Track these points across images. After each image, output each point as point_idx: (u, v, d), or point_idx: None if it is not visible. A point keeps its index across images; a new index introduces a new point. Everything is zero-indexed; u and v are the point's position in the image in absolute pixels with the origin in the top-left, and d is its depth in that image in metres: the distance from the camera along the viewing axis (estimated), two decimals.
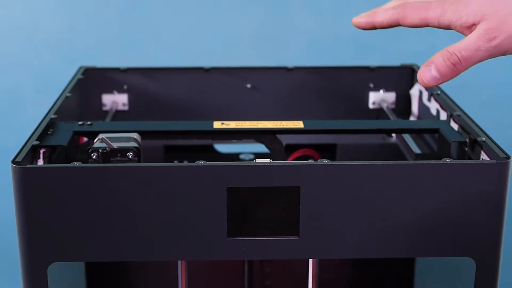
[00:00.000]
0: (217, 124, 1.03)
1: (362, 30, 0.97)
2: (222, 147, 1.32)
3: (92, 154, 0.92)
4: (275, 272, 1.26)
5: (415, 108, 1.25)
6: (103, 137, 0.93)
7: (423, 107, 1.21)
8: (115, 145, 0.92)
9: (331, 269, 1.30)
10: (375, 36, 2.15)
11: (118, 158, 0.92)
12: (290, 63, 1.31)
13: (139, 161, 0.93)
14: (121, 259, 0.88)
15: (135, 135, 0.96)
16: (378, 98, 1.28)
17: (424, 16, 0.90)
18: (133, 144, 0.93)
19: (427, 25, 0.90)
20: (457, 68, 0.86)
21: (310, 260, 1.07)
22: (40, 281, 0.87)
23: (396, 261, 1.29)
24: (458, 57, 0.85)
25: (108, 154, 0.92)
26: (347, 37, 2.09)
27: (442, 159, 0.87)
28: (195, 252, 0.88)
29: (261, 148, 1.21)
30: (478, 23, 0.86)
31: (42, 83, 2.21)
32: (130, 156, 0.92)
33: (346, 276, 1.33)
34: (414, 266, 1.27)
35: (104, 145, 0.92)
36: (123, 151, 0.92)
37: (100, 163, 0.91)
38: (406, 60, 1.34)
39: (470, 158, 0.96)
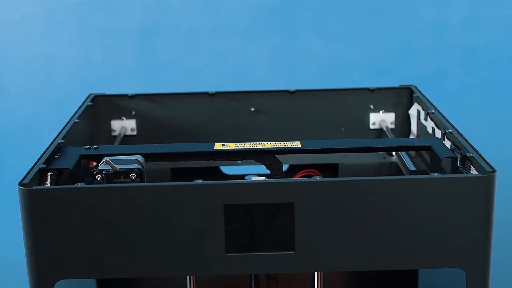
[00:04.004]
0: (217, 146, 1.07)
1: (373, 55, 0.98)
2: (228, 170, 1.36)
3: (96, 176, 0.96)
4: (281, 285, 1.29)
5: (414, 127, 1.29)
6: (107, 159, 0.97)
7: (421, 126, 1.24)
8: (119, 167, 0.96)
9: (336, 285, 1.33)
10: (385, 59, 2.19)
11: (122, 180, 0.96)
12: (303, 87, 1.35)
13: (142, 182, 0.96)
14: (124, 276, 0.91)
15: (138, 158, 1.00)
16: (378, 118, 1.32)
17: None
18: (136, 166, 0.97)
19: None
20: None
21: (315, 276, 1.10)
22: None
23: (399, 274, 1.31)
24: None
25: (112, 176, 0.96)
26: (359, 61, 2.13)
27: (430, 174, 0.90)
28: (196, 267, 0.92)
29: (265, 169, 1.25)
30: None
31: (61, 113, 2.26)
32: (133, 178, 0.96)
33: None
34: (417, 278, 1.29)
35: (108, 167, 0.97)
36: (126, 172, 0.96)
37: (104, 184, 0.95)
38: (416, 83, 1.37)
39: (461, 173, 0.99)
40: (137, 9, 2.24)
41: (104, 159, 0.98)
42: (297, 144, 1.07)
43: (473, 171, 0.95)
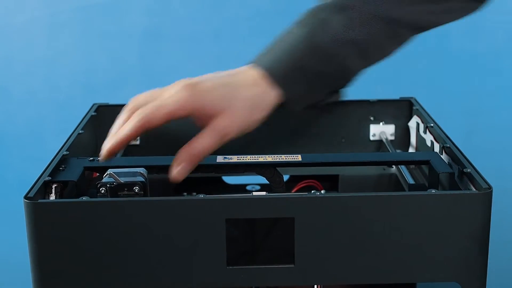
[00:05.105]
0: (219, 159, 1.08)
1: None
2: (230, 179, 1.37)
3: (100, 189, 0.98)
4: None
5: (413, 139, 1.31)
6: (111, 172, 0.99)
7: (420, 139, 1.26)
8: (122, 179, 0.98)
9: None
10: (385, 66, 2.20)
11: (125, 192, 0.98)
12: None
13: (145, 195, 0.98)
14: None
15: (141, 170, 1.02)
16: (378, 130, 1.34)
17: (168, 110, 0.94)
18: (139, 179, 0.99)
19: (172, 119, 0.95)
20: (195, 161, 0.96)
21: (315, 287, 1.12)
22: None
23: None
24: (196, 154, 0.96)
25: (116, 189, 0.98)
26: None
27: (428, 190, 0.92)
28: (198, 280, 0.93)
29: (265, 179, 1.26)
30: (215, 117, 0.95)
31: (63, 116, 2.28)
32: (136, 190, 0.98)
33: None
34: None
35: (112, 180, 0.98)
36: (130, 185, 0.98)
37: (108, 197, 0.97)
38: (417, 90, 1.39)
39: (459, 188, 1.01)
40: (140, 13, 2.25)
41: (108, 172, 1.00)
42: (298, 158, 1.08)
43: (470, 186, 0.97)
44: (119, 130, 0.95)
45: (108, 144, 0.96)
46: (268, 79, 0.99)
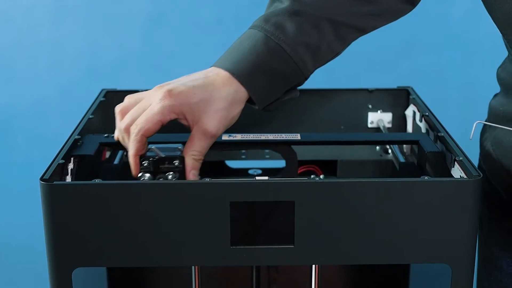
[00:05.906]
0: (225, 137, 1.16)
1: (376, 50, 1.09)
2: (232, 163, 1.42)
3: (143, 162, 1.04)
4: (281, 277, 1.36)
5: (409, 127, 1.36)
6: (153, 147, 1.06)
7: (416, 127, 1.31)
8: (163, 154, 1.05)
9: (333, 275, 1.40)
10: (386, 54, 2.24)
11: (166, 165, 1.05)
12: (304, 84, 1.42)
13: (183, 169, 1.05)
14: (137, 265, 0.99)
15: (179, 146, 1.08)
16: (376, 118, 1.39)
17: (157, 119, 1.02)
18: (178, 153, 1.06)
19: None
20: (199, 162, 1.06)
21: (313, 268, 1.18)
22: (65, 284, 0.98)
23: (392, 268, 1.38)
24: (196, 159, 1.05)
25: (157, 162, 1.04)
26: (360, 56, 2.18)
27: (421, 177, 0.98)
28: (203, 258, 0.99)
29: (269, 164, 1.32)
30: (199, 118, 1.04)
31: (68, 99, 2.33)
32: (176, 164, 1.04)
33: (347, 281, 1.42)
34: (409, 272, 1.36)
35: (153, 154, 1.05)
36: (171, 159, 1.05)
37: (150, 169, 1.04)
38: (417, 78, 1.43)
39: (446, 167, 1.07)
40: None
41: (149, 147, 1.06)
42: (298, 137, 1.17)
43: (461, 173, 1.03)
44: (129, 152, 1.04)
45: (132, 165, 1.05)
46: (235, 79, 1.07)
